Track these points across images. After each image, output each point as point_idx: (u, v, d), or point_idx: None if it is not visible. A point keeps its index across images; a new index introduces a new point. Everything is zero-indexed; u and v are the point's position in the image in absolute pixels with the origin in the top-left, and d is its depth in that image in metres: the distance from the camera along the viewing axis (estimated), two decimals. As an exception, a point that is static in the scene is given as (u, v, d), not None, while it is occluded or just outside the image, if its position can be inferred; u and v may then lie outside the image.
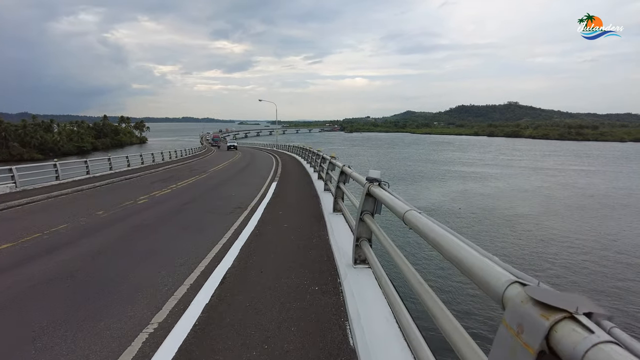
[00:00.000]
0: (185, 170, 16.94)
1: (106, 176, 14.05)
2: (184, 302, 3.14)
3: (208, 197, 8.96)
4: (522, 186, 28.00)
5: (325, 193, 8.23)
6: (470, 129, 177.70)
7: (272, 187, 10.31)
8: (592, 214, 18.99)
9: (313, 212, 6.83)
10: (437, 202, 21.13)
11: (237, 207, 7.48)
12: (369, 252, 3.17)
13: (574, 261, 11.76)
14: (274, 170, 15.61)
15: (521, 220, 17.13)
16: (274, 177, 13.06)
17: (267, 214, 6.74)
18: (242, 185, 11.32)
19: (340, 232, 4.98)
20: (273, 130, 72.54)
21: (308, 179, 11.90)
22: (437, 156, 56.62)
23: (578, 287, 9.84)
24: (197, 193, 9.76)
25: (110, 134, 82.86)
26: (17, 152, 54.69)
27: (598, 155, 61.82)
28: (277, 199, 8.35)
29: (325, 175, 8.45)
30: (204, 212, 7.13)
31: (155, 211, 7.30)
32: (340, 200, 5.91)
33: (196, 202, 8.25)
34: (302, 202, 7.93)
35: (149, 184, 11.89)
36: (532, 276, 0.96)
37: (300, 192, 9.45)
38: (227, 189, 10.53)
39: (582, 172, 37.92)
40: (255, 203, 7.82)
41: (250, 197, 8.70)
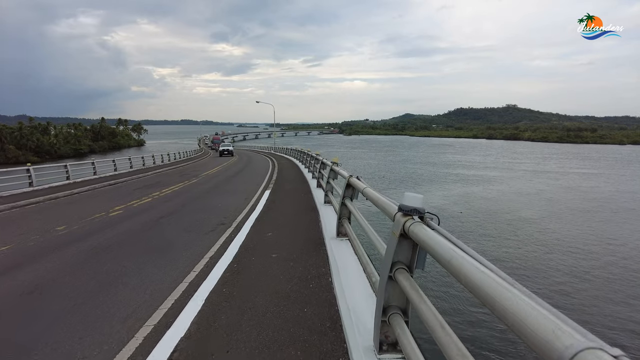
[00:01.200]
0: (175, 175, 16.12)
1: (88, 182, 13.13)
2: None
3: (190, 209, 7.89)
4: (524, 189, 27.61)
5: (326, 206, 6.95)
6: (469, 132, 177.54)
7: (264, 196, 9.21)
8: (597, 217, 18.63)
9: (311, 234, 5.48)
10: (439, 206, 20.72)
11: (220, 223, 6.37)
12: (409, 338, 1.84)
13: (580, 267, 11.46)
14: (268, 176, 14.54)
15: (524, 224, 16.84)
16: (268, 183, 11.97)
17: (253, 235, 5.51)
18: (232, 193, 10.19)
19: (350, 273, 3.49)
20: (272, 132, 68.32)
21: (305, 187, 10.77)
22: (438, 159, 56.23)
23: (585, 294, 9.45)
24: (180, 202, 8.71)
25: (107, 136, 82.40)
26: (13, 154, 54.09)
27: (599, 158, 61.39)
28: (269, 213, 7.15)
29: (325, 185, 7.17)
30: (180, 229, 6.00)
31: (123, 228, 6.24)
32: (346, 222, 4.56)
33: (175, 215, 7.19)
34: (297, 218, 6.65)
35: (131, 191, 10.98)
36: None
37: (296, 203, 8.17)
38: (215, 197, 9.43)
39: (584, 175, 37.52)
40: (243, 218, 6.69)
41: (238, 208, 7.62)
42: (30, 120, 68.42)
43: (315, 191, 9.33)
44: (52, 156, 58.80)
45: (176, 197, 9.70)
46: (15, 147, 56.43)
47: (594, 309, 8.80)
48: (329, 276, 3.70)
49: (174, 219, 6.91)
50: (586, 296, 9.44)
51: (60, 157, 58.04)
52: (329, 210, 6.54)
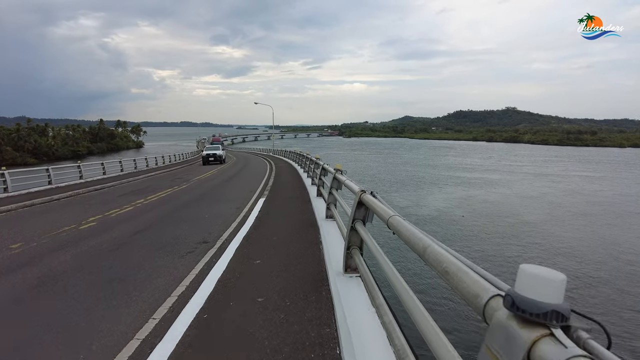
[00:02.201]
0: (166, 179, 15.30)
1: (72, 187, 12.25)
2: None
3: (173, 220, 6.93)
4: (526, 192, 27.24)
5: (328, 223, 5.76)
6: (469, 134, 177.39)
7: (258, 205, 8.18)
8: (601, 221, 18.33)
9: (309, 265, 4.18)
10: (440, 209, 20.51)
11: (203, 240, 5.38)
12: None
13: (584, 272, 11.24)
14: (264, 181, 13.47)
15: (527, 228, 16.56)
16: (263, 190, 10.88)
17: (238, 261, 4.40)
18: (223, 201, 9.11)
19: (366, 337, 2.27)
20: (271, 134, 66.66)
21: (304, 195, 9.63)
22: (439, 161, 55.87)
23: (591, 300, 9.33)
24: (163, 212, 7.74)
25: (106, 138, 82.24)
26: (10, 156, 53.78)
27: (600, 161, 61.03)
28: (260, 228, 6.02)
29: (327, 196, 5.96)
30: (153, 250, 5.03)
31: (88, 246, 5.27)
32: (357, 254, 3.30)
33: (154, 229, 6.24)
34: (293, 237, 5.36)
35: (115, 198, 10.17)
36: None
37: (292, 216, 6.97)
38: (202, 207, 8.41)
39: (587, 178, 37.22)
40: (229, 234, 5.66)
41: (226, 221, 6.63)
42: (28, 122, 68.18)
43: (315, 201, 8.24)
44: (50, 158, 58.49)
45: (162, 205, 8.77)
46: (13, 148, 56.12)
47: (600, 316, 8.46)
48: (336, 344, 2.47)
49: (151, 234, 5.94)
50: (592, 303, 9.23)
51: (58, 158, 57.71)
52: (331, 229, 5.34)
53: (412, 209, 20.68)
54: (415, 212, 19.85)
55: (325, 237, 5.00)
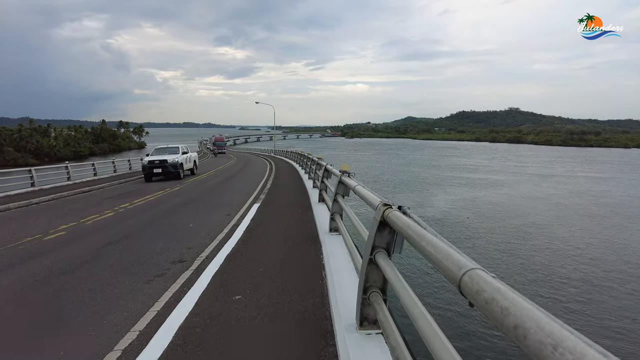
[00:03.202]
0: (159, 181, 14.43)
1: (58, 189, 11.51)
2: None
3: (153, 230, 6.12)
4: (532, 194, 26.77)
5: (332, 237, 4.76)
6: (472, 135, 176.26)
7: (251, 212, 7.27)
8: (609, 223, 18.02)
9: (308, 310, 3.03)
10: (445, 210, 20.25)
11: (179, 259, 4.50)
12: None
13: (594, 276, 10.99)
14: (262, 183, 12.66)
15: (534, 230, 16.33)
16: (259, 194, 10.00)
17: (213, 294, 3.38)
18: (214, 207, 8.24)
19: None
20: (273, 135, 65.70)
21: (304, 200, 8.65)
22: (443, 162, 55.30)
23: (601, 306, 9.13)
24: (145, 219, 7.01)
25: (108, 138, 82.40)
26: (12, 157, 53.82)
27: (605, 161, 60.12)
28: (249, 245, 5.02)
29: (332, 204, 4.91)
30: (118, 270, 4.20)
31: (41, 265, 4.41)
32: (379, 302, 2.16)
33: (128, 241, 5.45)
34: (288, 260, 4.35)
35: (100, 201, 9.47)
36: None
37: (289, 228, 5.91)
38: (190, 213, 7.59)
39: (593, 179, 36.63)
40: (212, 251, 4.79)
41: (211, 233, 5.74)
42: (30, 123, 68.32)
43: (317, 207, 7.20)
44: (52, 158, 58.51)
45: (147, 210, 8.02)
46: (15, 149, 56.15)
47: (608, 321, 8.36)
48: None
49: (122, 248, 5.13)
50: (602, 308, 9.03)
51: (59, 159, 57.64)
52: (337, 247, 4.31)
53: (417, 210, 20.30)
54: (421, 213, 19.47)
55: (330, 259, 3.91)
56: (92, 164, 15.64)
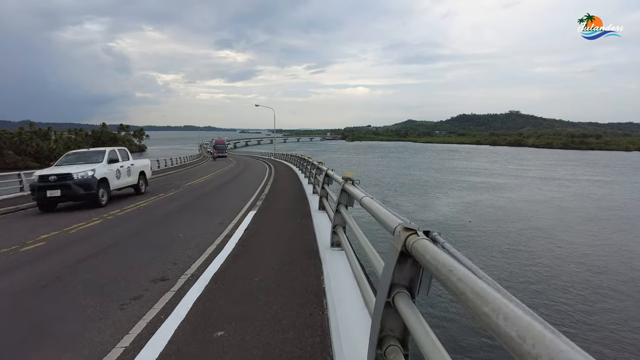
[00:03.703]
0: (156, 184, 14.16)
1: None
2: None
3: (137, 241, 5.61)
4: (534, 197, 26.61)
5: (335, 253, 4.20)
6: (473, 138, 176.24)
7: (246, 220, 6.79)
8: (614, 227, 17.84)
9: (306, 356, 2.44)
10: (447, 214, 20.11)
11: (160, 277, 4.00)
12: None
13: (599, 283, 10.83)
14: (260, 188, 12.18)
15: (536, 234, 16.15)
16: (256, 200, 9.50)
17: (190, 330, 2.86)
18: (206, 214, 7.71)
19: None
20: (273, 138, 64.92)
21: (304, 207, 8.15)
22: (444, 165, 55.15)
23: (604, 312, 8.97)
24: (133, 228, 6.53)
25: (108, 141, 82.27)
26: (12, 160, 53.75)
27: (607, 164, 59.85)
28: (240, 261, 4.48)
29: (334, 215, 4.30)
30: (90, 290, 3.70)
31: (11, 281, 4.06)
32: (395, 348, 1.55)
33: (106, 254, 4.95)
34: (283, 283, 3.74)
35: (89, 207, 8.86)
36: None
37: (286, 241, 5.33)
38: (181, 221, 7.07)
39: (595, 182, 36.39)
40: (198, 267, 4.26)
41: (200, 245, 5.21)
42: (30, 126, 68.37)
43: (317, 216, 6.69)
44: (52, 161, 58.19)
45: (136, 217, 7.57)
46: (15, 152, 56.13)
47: (613, 328, 8.22)
48: None
49: (100, 262, 4.64)
50: (606, 315, 8.87)
51: (60, 162, 57.51)
52: (339, 263, 3.80)
53: (419, 214, 20.35)
54: (422, 217, 19.52)
55: (332, 283, 3.36)
56: None
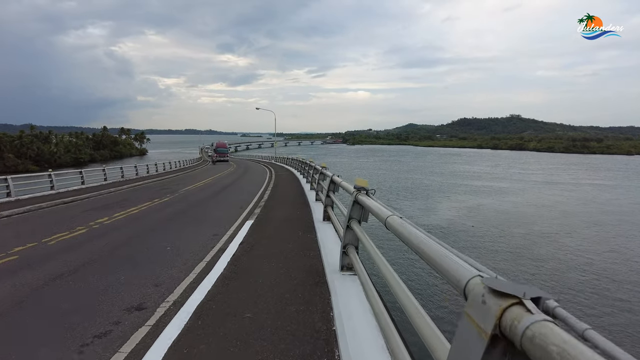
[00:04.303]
0: (151, 190, 13.62)
1: (37, 199, 10.48)
2: None
3: (117, 257, 4.97)
4: (538, 201, 26.32)
5: (346, 279, 3.43)
6: (474, 142, 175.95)
7: (241, 233, 6.06)
8: (617, 231, 17.67)
9: None
10: (450, 219, 19.86)
11: (137, 305, 3.35)
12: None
13: (604, 288, 10.67)
14: (259, 194, 11.60)
15: (540, 239, 15.93)
16: (255, 207, 8.88)
17: None
18: (200, 224, 7.11)
19: None
20: (274, 142, 63.50)
21: (306, 216, 7.35)
22: (446, 169, 54.87)
23: (615, 320, 8.77)
24: (118, 240, 5.88)
25: (109, 145, 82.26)
26: (12, 163, 53.59)
27: (610, 168, 59.45)
28: (231, 287, 3.70)
29: (344, 233, 3.44)
30: (55, 320, 3.17)
31: None
32: None
33: (84, 272, 4.34)
34: (284, 317, 3.06)
35: (77, 214, 8.41)
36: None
37: (286, 260, 4.52)
38: (172, 231, 6.47)
39: (599, 186, 36.16)
40: (181, 295, 3.54)
41: (188, 262, 4.57)
42: (31, 129, 68.38)
43: (321, 228, 5.86)
44: (52, 165, 58.16)
45: (125, 226, 7.01)
46: (15, 155, 55.95)
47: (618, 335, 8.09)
48: None
49: (72, 283, 3.98)
50: (612, 321, 8.70)
51: (60, 165, 57.49)
52: (353, 295, 3.04)
53: (421, 218, 20.11)
54: (425, 221, 19.29)
55: (344, 324, 2.63)
56: (80, 171, 14.72)
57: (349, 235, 3.34)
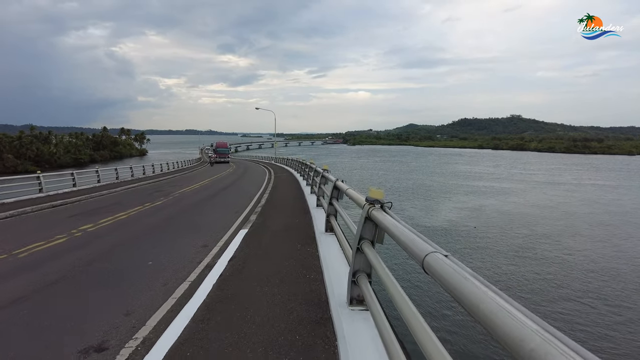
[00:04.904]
0: (144, 193, 13.08)
1: (22, 203, 10.01)
2: None
3: (92, 274, 4.37)
4: (540, 202, 26.07)
5: (355, 316, 2.70)
6: (474, 142, 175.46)
7: (233, 245, 5.42)
8: (623, 233, 17.38)
9: None
10: (451, 220, 19.48)
11: (96, 346, 2.72)
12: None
13: (609, 290, 10.51)
14: (257, 198, 11.06)
15: (543, 240, 15.73)
16: (250, 213, 8.28)
17: None
18: (190, 233, 6.47)
19: None
20: (274, 142, 62.07)
21: (306, 226, 6.61)
22: (447, 169, 54.59)
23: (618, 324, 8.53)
24: (96, 252, 5.30)
25: (109, 145, 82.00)
26: (11, 164, 53.33)
27: (612, 169, 59.08)
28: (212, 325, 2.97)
29: (354, 257, 2.66)
30: None
31: None
32: None
33: (40, 300, 3.65)
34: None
35: (61, 220, 7.87)
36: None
37: (283, 284, 3.84)
38: (158, 241, 5.86)
39: (602, 187, 35.92)
40: (151, 331, 2.92)
41: (168, 283, 3.97)
42: (31, 130, 68.14)
43: (324, 241, 5.20)
44: (52, 165, 58.11)
45: (108, 234, 6.44)
46: (14, 156, 55.68)
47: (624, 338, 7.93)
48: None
49: (27, 312, 3.35)
50: (618, 326, 8.50)
51: (60, 166, 57.34)
52: (365, 334, 2.43)
53: (423, 219, 19.88)
54: (426, 222, 19.04)
55: None
56: (72, 173, 14.13)
57: (360, 260, 2.60)
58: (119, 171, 18.44)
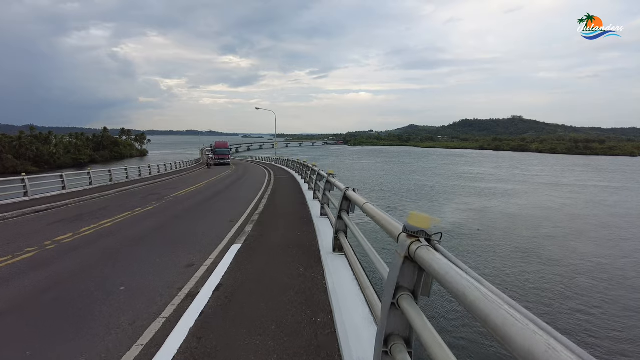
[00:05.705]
0: (136, 196, 12.46)
1: (3, 208, 9.53)
2: None
3: (50, 304, 3.63)
4: (544, 204, 25.66)
5: None
6: (476, 143, 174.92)
7: (223, 265, 4.66)
8: (628, 235, 17.18)
9: None
10: (454, 222, 19.26)
11: None
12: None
13: (615, 294, 10.22)
14: (254, 204, 10.38)
15: (547, 243, 15.52)
16: (246, 222, 7.56)
17: None
18: (177, 246, 5.81)
19: None
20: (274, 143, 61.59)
21: (310, 241, 5.76)
22: (449, 170, 54.12)
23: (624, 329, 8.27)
24: (64, 272, 4.61)
25: (109, 146, 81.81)
26: (11, 164, 53.11)
27: (615, 170, 58.61)
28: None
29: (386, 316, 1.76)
30: None
31: None
32: None
33: None
34: None
35: (40, 228, 7.30)
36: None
37: (282, 326, 3.00)
38: (137, 260, 5.06)
39: (606, 188, 35.54)
40: None
41: (139, 318, 3.25)
42: (31, 130, 68.01)
43: (332, 264, 4.37)
44: (52, 166, 57.93)
45: (84, 247, 5.78)
46: (14, 156, 55.46)
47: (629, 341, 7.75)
48: None
49: None
50: (622, 329, 8.27)
51: (59, 166, 57.13)
52: None
53: None
54: None
55: None
56: (61, 175, 13.53)
57: (395, 321, 1.74)
58: (113, 173, 17.83)
